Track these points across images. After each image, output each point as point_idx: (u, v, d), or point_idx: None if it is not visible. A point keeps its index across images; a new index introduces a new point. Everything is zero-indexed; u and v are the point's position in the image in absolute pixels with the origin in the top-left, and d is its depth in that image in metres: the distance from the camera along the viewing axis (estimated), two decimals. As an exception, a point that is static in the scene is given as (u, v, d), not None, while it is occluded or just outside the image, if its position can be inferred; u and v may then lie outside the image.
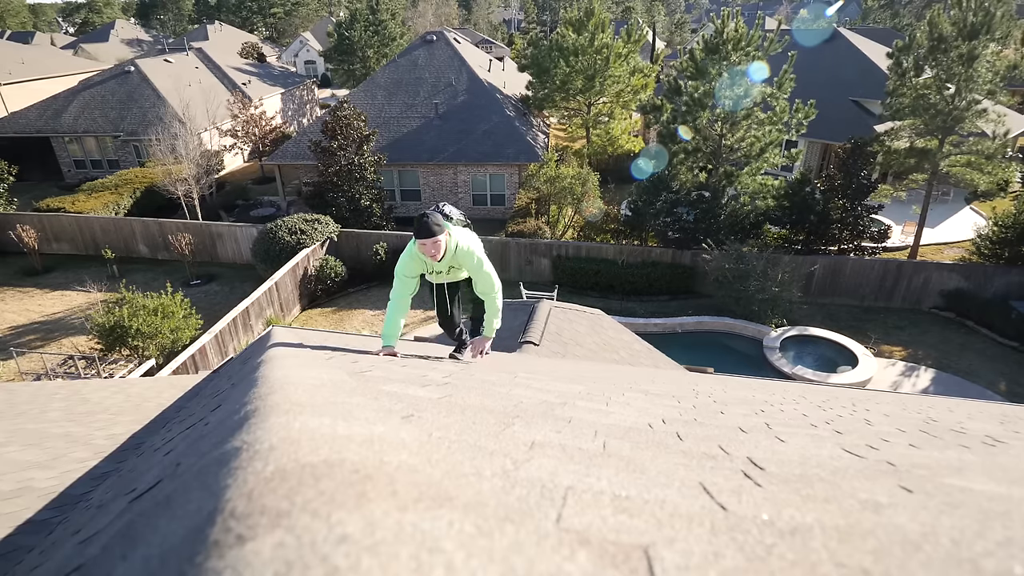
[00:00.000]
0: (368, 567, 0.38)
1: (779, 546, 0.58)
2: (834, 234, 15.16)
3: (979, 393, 11.19)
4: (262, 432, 0.73)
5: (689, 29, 58.08)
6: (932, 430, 2.20)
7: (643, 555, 0.52)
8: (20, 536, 1.44)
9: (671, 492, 0.80)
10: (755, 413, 2.29)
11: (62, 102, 24.99)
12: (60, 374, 10.97)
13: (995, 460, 1.45)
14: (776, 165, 14.93)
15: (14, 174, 19.22)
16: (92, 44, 51.09)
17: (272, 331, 4.36)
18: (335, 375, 1.54)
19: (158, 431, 2.41)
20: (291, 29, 64.07)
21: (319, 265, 15.10)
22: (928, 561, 0.56)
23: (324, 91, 45.90)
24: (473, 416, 1.24)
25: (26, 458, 2.12)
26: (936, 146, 15.50)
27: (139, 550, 0.54)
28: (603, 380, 2.92)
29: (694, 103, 14.15)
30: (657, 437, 1.41)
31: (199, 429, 1.43)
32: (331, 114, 17.54)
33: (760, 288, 12.97)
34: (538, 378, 2.50)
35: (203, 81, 28.21)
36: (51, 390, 3.72)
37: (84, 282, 15.10)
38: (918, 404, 3.96)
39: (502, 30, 65.89)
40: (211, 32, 47.69)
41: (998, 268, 14.24)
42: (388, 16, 38.90)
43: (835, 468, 1.14)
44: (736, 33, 13.85)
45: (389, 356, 2.84)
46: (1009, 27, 14.49)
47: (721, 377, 5.22)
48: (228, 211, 20.92)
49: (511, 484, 0.74)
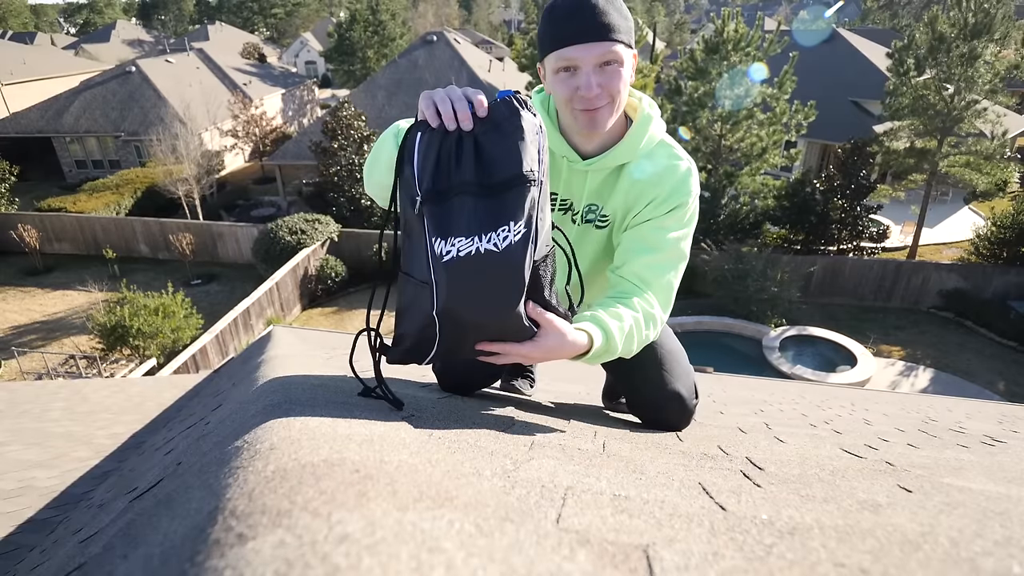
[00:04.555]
0: (368, 566, 0.38)
1: (778, 546, 0.58)
2: (833, 234, 15.16)
3: (977, 393, 11.18)
4: (262, 431, 0.73)
5: (689, 29, 58.05)
6: (931, 430, 2.20)
7: (643, 555, 0.53)
8: (22, 535, 1.45)
9: (670, 492, 0.80)
10: (754, 413, 2.29)
11: (63, 102, 24.98)
12: (61, 373, 10.97)
13: (994, 460, 1.45)
14: (776, 165, 14.92)
15: (16, 174, 19.22)
16: (93, 44, 51.04)
17: (273, 331, 4.36)
18: (335, 375, 1.54)
19: (159, 430, 2.42)
20: (292, 29, 64.04)
21: (319, 265, 15.10)
22: (927, 561, 0.56)
23: (324, 91, 45.87)
24: (474, 415, 1.24)
25: (28, 457, 2.12)
26: (935, 146, 15.49)
27: (140, 549, 0.54)
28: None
29: (694, 103, 14.14)
30: (656, 437, 1.42)
31: (200, 428, 1.43)
32: (331, 114, 17.55)
33: (759, 288, 12.96)
34: (539, 377, 2.50)
35: (204, 81, 28.19)
36: (52, 389, 3.72)
37: (85, 282, 15.10)
38: (917, 404, 3.97)
39: (502, 31, 65.88)
40: (212, 32, 47.65)
41: (997, 268, 14.24)
42: (388, 16, 38.88)
43: (834, 468, 1.14)
44: (736, 33, 13.85)
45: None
46: (1008, 28, 14.48)
47: (721, 376, 5.22)
48: (229, 211, 20.91)
49: (511, 484, 0.74)
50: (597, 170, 1.37)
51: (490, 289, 1.04)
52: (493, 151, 1.02)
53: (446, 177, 1.02)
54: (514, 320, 1.08)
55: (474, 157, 1.02)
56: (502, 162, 1.01)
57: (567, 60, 1.21)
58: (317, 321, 14.33)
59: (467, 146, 1.02)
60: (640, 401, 1.61)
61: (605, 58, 1.19)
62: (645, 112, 1.34)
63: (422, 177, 1.02)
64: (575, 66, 1.21)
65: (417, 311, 1.09)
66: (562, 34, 1.19)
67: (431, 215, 1.02)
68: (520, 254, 1.02)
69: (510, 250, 1.01)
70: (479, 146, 1.02)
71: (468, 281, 1.02)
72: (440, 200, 1.02)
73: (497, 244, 1.01)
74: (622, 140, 1.34)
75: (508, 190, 1.01)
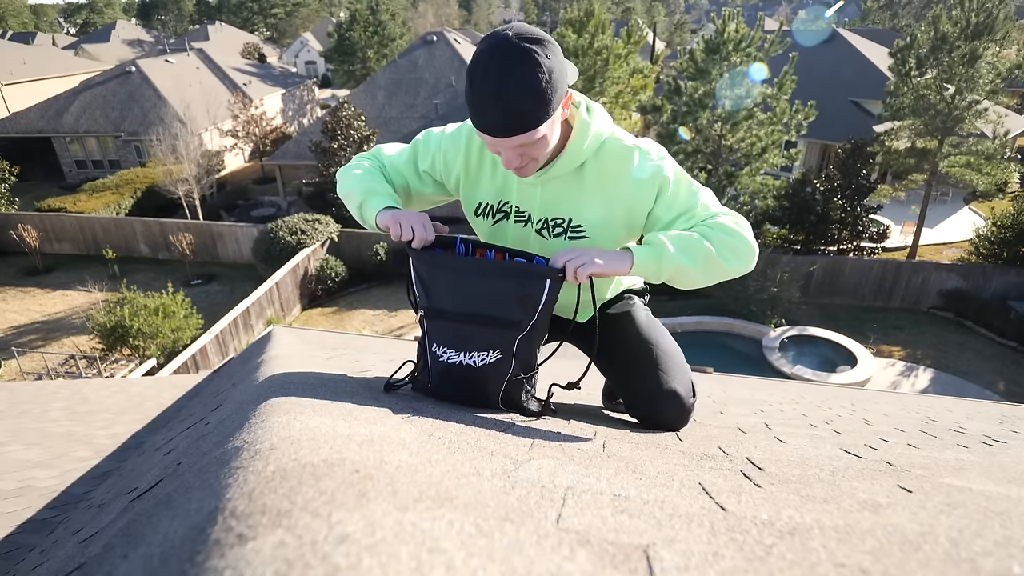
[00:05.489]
0: (368, 566, 0.38)
1: (778, 546, 0.58)
2: (833, 234, 15.16)
3: (978, 393, 11.19)
4: (262, 432, 0.73)
5: (689, 29, 58.02)
6: (931, 430, 2.20)
7: (643, 555, 0.53)
8: (22, 535, 1.45)
9: (670, 492, 0.80)
10: (754, 413, 2.29)
11: (63, 102, 24.98)
12: (61, 373, 10.97)
13: (994, 460, 1.45)
14: (776, 165, 14.93)
15: (16, 174, 19.22)
16: (93, 44, 51.02)
17: (272, 331, 4.36)
18: (335, 375, 1.54)
19: (159, 430, 2.42)
20: (292, 30, 64.03)
21: (319, 265, 15.10)
22: (927, 561, 0.56)
23: (324, 91, 45.87)
24: (474, 415, 1.24)
25: (28, 457, 2.12)
26: (935, 146, 15.49)
27: (140, 549, 0.54)
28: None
29: (694, 103, 14.14)
30: (656, 437, 1.41)
31: (200, 428, 1.43)
32: (331, 114, 17.55)
33: (759, 288, 12.97)
34: (539, 378, 2.50)
35: (204, 81, 28.19)
36: (52, 389, 3.72)
37: (85, 282, 15.10)
38: (917, 404, 3.97)
39: (502, 30, 65.69)
40: (212, 32, 47.64)
41: (997, 268, 14.24)
42: (388, 16, 38.88)
43: (834, 468, 1.14)
44: (737, 34, 13.85)
45: (419, 228, 1.27)
46: (1008, 28, 14.50)
47: (721, 377, 5.22)
48: (229, 211, 20.91)
49: (511, 484, 0.74)
50: (546, 181, 1.36)
51: (468, 391, 1.35)
52: (498, 293, 1.26)
53: (447, 300, 1.30)
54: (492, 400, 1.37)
55: (479, 290, 1.27)
56: (500, 305, 1.26)
57: (484, 137, 1.20)
58: (317, 321, 14.33)
59: (475, 281, 1.27)
60: (637, 401, 1.59)
61: (521, 142, 1.17)
62: (583, 119, 1.31)
63: (421, 293, 1.34)
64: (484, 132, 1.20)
65: (421, 358, 1.41)
66: (478, 122, 1.18)
67: (431, 328, 1.33)
68: (491, 373, 1.31)
69: (483, 369, 1.30)
70: (488, 282, 1.27)
71: (452, 382, 1.34)
72: (437, 317, 1.31)
73: (475, 362, 1.30)
74: (563, 152, 1.31)
75: (493, 327, 1.28)
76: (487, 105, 1.12)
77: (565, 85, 1.18)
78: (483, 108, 1.14)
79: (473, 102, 1.15)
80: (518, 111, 1.12)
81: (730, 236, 1.30)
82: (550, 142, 1.22)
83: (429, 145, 1.47)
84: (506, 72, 1.09)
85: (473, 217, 1.50)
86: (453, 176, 1.46)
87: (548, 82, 1.11)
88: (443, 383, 1.35)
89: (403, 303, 14.98)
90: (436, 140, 1.46)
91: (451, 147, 1.44)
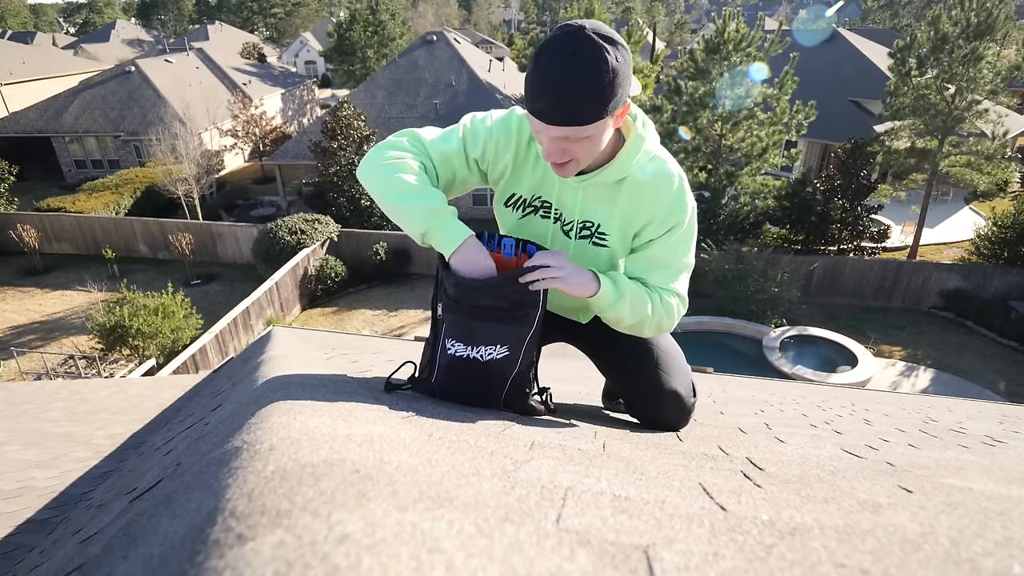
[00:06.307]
0: (368, 566, 0.38)
1: (778, 546, 0.58)
2: (834, 234, 15.17)
3: (978, 393, 11.19)
4: (262, 432, 0.73)
5: (689, 29, 58.07)
6: (931, 430, 2.20)
7: (643, 555, 0.53)
8: (21, 535, 1.45)
9: (671, 493, 0.80)
10: (755, 413, 2.29)
11: (63, 102, 24.99)
12: (60, 374, 10.97)
13: (994, 460, 1.45)
14: (776, 165, 14.94)
15: (15, 174, 19.22)
16: (93, 44, 51.03)
17: (272, 331, 4.36)
18: (335, 375, 1.54)
19: (158, 430, 2.42)
20: (292, 29, 64.05)
21: (319, 265, 15.10)
22: (927, 561, 0.56)
23: (324, 91, 45.89)
24: (474, 416, 1.24)
25: (27, 457, 2.12)
26: (936, 146, 15.50)
27: (140, 549, 0.54)
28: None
29: (694, 103, 14.14)
30: (656, 438, 1.41)
31: (199, 429, 1.43)
32: (331, 114, 17.55)
33: (760, 288, 12.97)
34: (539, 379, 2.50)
35: (204, 81, 28.20)
36: (52, 390, 3.72)
37: (84, 282, 15.11)
38: (917, 404, 3.97)
39: (502, 30, 65.83)
40: (212, 32, 47.66)
41: (997, 268, 14.24)
42: (388, 16, 38.90)
43: (834, 468, 1.14)
44: (737, 33, 13.85)
45: (471, 248, 1.24)
46: (1008, 28, 14.51)
47: (721, 377, 5.22)
48: (228, 211, 20.91)
49: (511, 484, 0.74)
50: (589, 187, 1.35)
51: (471, 386, 1.34)
52: (511, 294, 1.25)
53: (464, 300, 1.28)
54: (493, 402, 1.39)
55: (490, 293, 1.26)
56: (507, 304, 1.26)
57: (533, 122, 1.18)
58: (317, 321, 14.33)
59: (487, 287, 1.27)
60: (637, 401, 1.59)
61: (566, 135, 1.15)
62: (638, 132, 1.30)
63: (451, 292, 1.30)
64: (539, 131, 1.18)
65: (427, 356, 1.40)
66: (531, 104, 1.15)
67: (449, 321, 1.31)
68: (496, 368, 1.31)
69: (489, 364, 1.31)
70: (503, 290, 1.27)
71: (456, 376, 1.34)
72: (455, 311, 1.29)
73: (482, 356, 1.29)
74: (613, 160, 1.30)
75: (502, 323, 1.27)
76: (545, 88, 1.11)
77: (626, 94, 1.15)
78: (541, 90, 1.12)
79: (532, 83, 1.13)
80: (573, 102, 1.10)
81: (667, 317, 1.38)
82: (597, 146, 1.20)
83: (478, 132, 1.38)
84: (572, 61, 1.08)
85: (502, 207, 1.47)
86: (500, 166, 1.40)
87: (611, 82, 1.10)
88: (447, 376, 1.33)
89: (403, 303, 14.99)
90: (485, 127, 1.38)
91: (503, 136, 1.37)
